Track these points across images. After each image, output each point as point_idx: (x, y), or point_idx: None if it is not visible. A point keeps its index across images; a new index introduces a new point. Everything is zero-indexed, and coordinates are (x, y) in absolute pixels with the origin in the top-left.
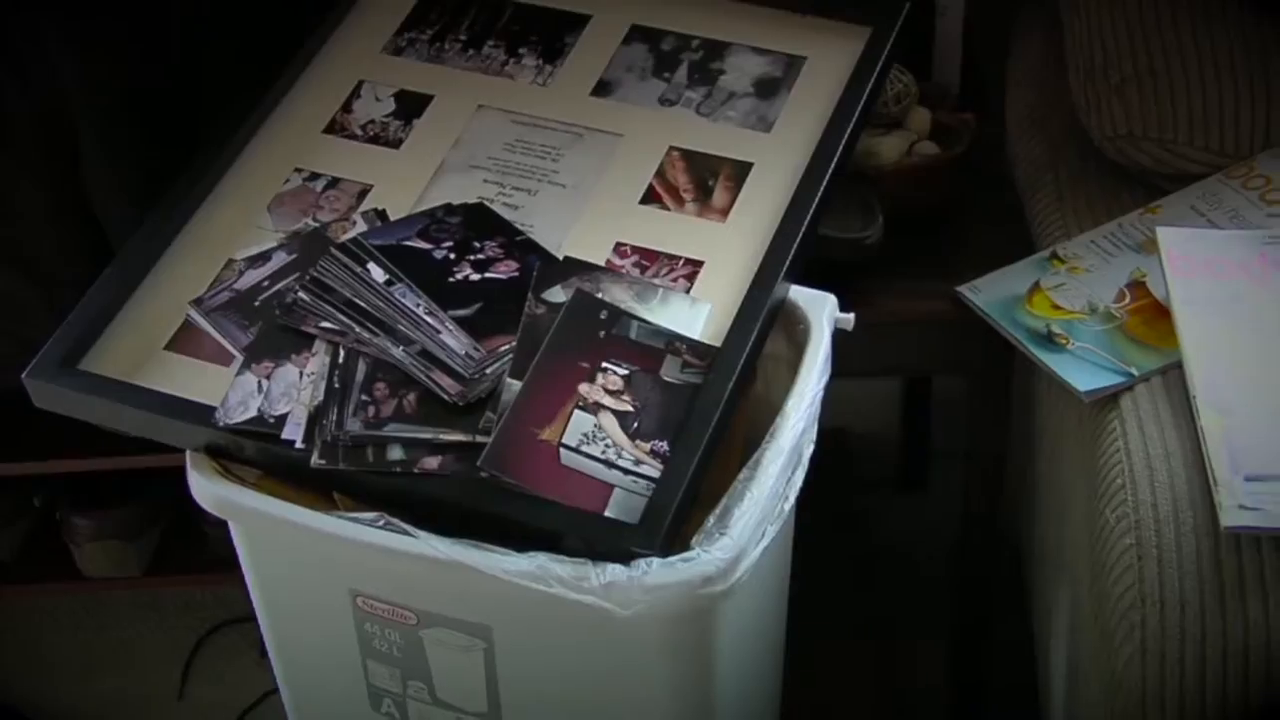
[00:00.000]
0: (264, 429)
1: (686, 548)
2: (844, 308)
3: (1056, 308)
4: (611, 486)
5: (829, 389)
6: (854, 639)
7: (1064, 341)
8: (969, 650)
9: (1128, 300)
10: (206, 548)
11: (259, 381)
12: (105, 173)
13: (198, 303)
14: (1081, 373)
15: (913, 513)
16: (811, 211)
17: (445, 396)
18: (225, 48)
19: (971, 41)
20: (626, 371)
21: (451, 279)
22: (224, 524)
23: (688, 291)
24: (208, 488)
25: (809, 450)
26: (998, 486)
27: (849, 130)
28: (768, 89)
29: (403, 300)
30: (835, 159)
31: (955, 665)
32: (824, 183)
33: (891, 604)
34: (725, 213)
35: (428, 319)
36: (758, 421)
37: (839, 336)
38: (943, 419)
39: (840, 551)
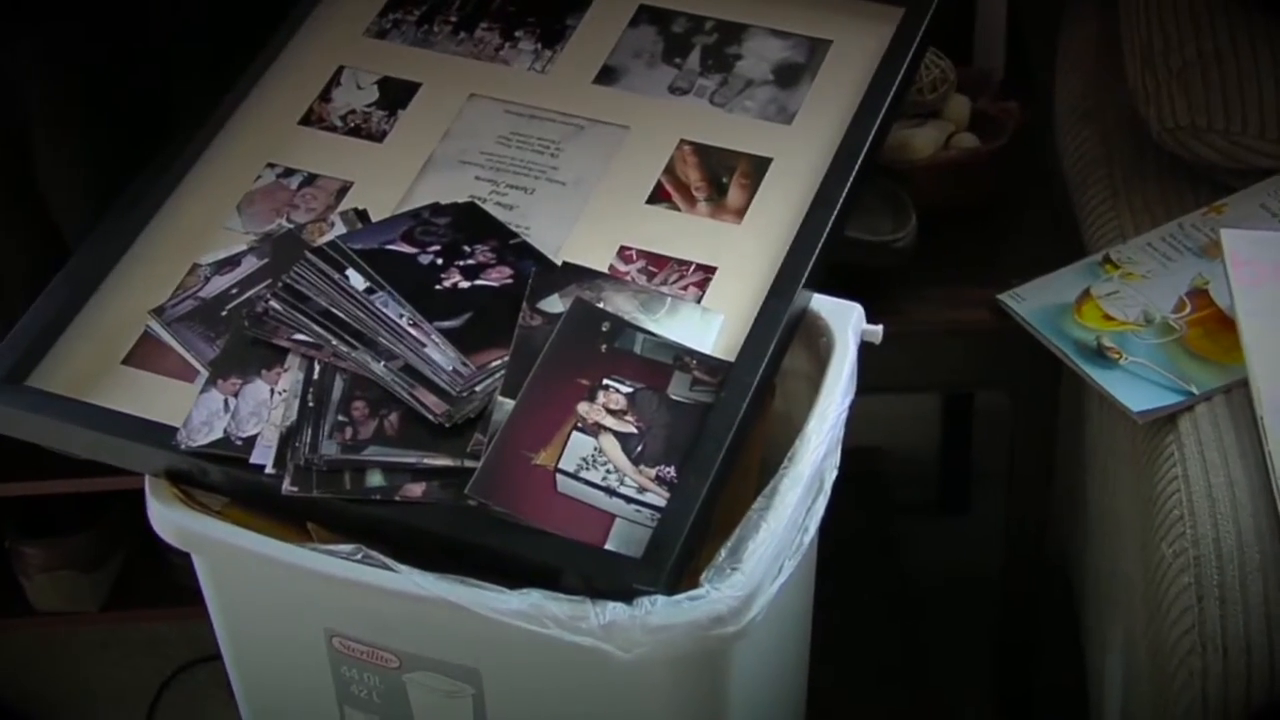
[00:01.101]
0: (230, 452)
1: (695, 584)
2: (872, 318)
3: (1108, 318)
4: (613, 516)
5: (858, 406)
6: (887, 678)
7: (1116, 356)
8: (1015, 688)
9: (1188, 310)
10: (172, 579)
11: (225, 399)
12: (61, 169)
13: (158, 312)
14: (1135, 391)
15: (953, 538)
16: (836, 212)
17: (430, 416)
18: (196, 37)
19: (1017, 22)
20: (630, 389)
21: (438, 286)
22: (186, 553)
23: (699, 301)
24: (168, 517)
25: (832, 476)
26: (1044, 511)
27: (879, 121)
28: (789, 76)
29: (384, 310)
30: (863, 153)
31: (1000, 704)
32: (850, 180)
33: (930, 638)
34: (741, 213)
35: (412, 331)
36: (775, 444)
37: (866, 350)
38: (985, 437)
39: (873, 582)
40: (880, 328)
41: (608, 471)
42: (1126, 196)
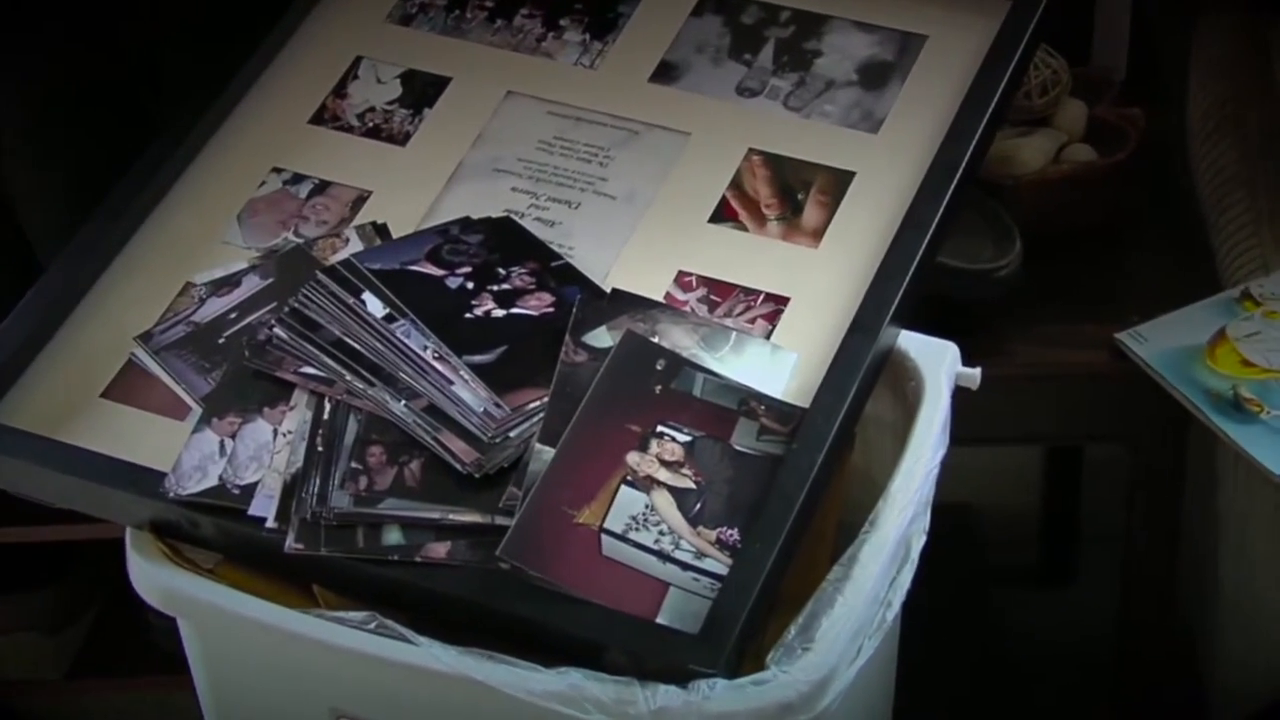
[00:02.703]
0: (226, 502)
1: (760, 667)
2: (968, 359)
3: (1247, 364)
4: (666, 585)
5: (951, 458)
6: None
7: (1256, 408)
8: None
9: None
10: (150, 644)
11: (221, 441)
12: (33, 171)
13: (145, 338)
14: (1278, 450)
15: (1057, 612)
16: (929, 235)
17: (457, 465)
18: (191, 20)
19: (1143, 15)
20: (688, 438)
21: (469, 315)
22: (171, 618)
23: (768, 336)
24: (152, 575)
25: (920, 542)
26: (1167, 585)
27: (980, 130)
28: (876, 77)
29: (406, 341)
30: (961, 167)
31: None
32: (946, 198)
33: None
34: (818, 235)
35: (437, 365)
36: (855, 505)
37: (961, 396)
38: (1096, 497)
39: (965, 661)
40: (978, 370)
41: (661, 533)
42: (1270, 221)
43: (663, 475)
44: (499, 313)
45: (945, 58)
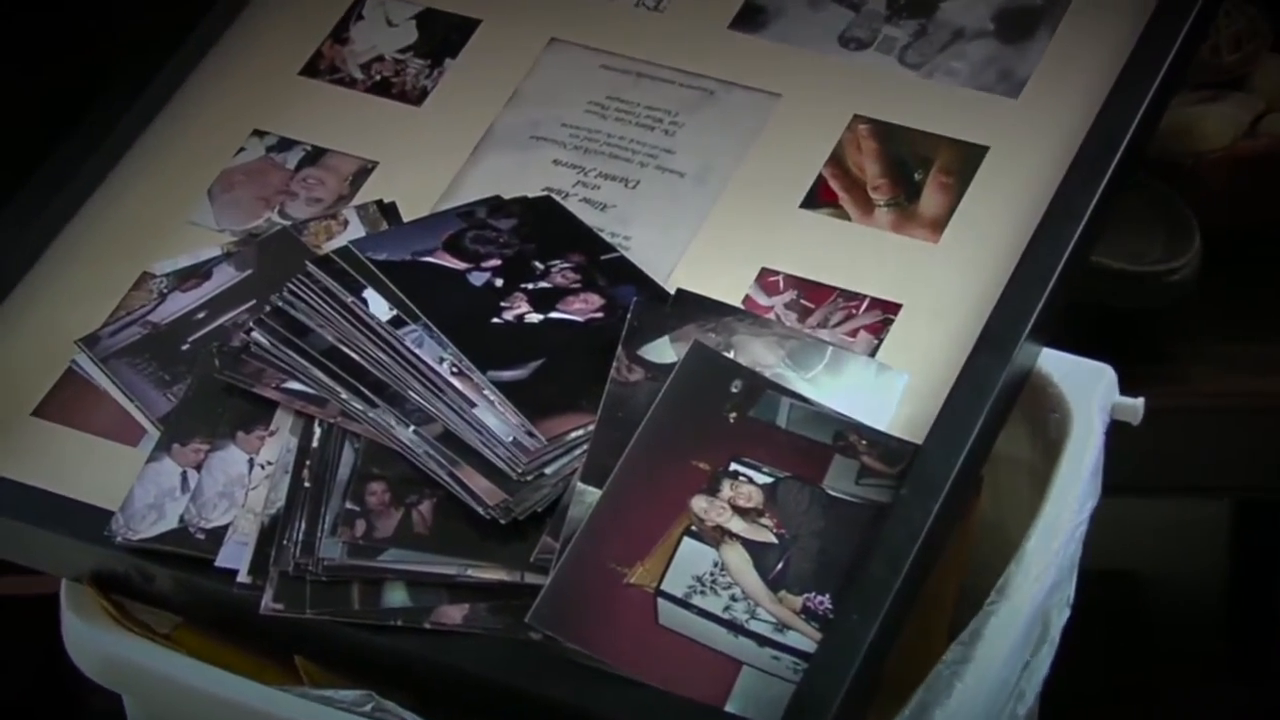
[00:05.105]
0: (188, 549)
1: None
2: (1129, 387)
3: None
4: (738, 664)
5: (1104, 511)
6: None
7: None
8: None
9: None
10: None
11: (184, 473)
12: None
13: (90, 341)
14: None
15: (1246, 712)
16: (1081, 228)
17: (479, 508)
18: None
19: None
20: (770, 479)
21: (497, 320)
22: (115, 694)
23: (873, 353)
24: (92, 640)
25: (1062, 617)
26: None
27: (1149, 96)
28: (1017, 26)
29: (417, 351)
30: (1124, 144)
31: None
32: (1104, 181)
33: None
34: (939, 226)
35: (456, 383)
36: (981, 567)
37: (1119, 433)
38: None
39: None
40: (1141, 401)
41: (732, 598)
42: None
43: (736, 525)
44: (534, 317)
45: (1106, 3)
